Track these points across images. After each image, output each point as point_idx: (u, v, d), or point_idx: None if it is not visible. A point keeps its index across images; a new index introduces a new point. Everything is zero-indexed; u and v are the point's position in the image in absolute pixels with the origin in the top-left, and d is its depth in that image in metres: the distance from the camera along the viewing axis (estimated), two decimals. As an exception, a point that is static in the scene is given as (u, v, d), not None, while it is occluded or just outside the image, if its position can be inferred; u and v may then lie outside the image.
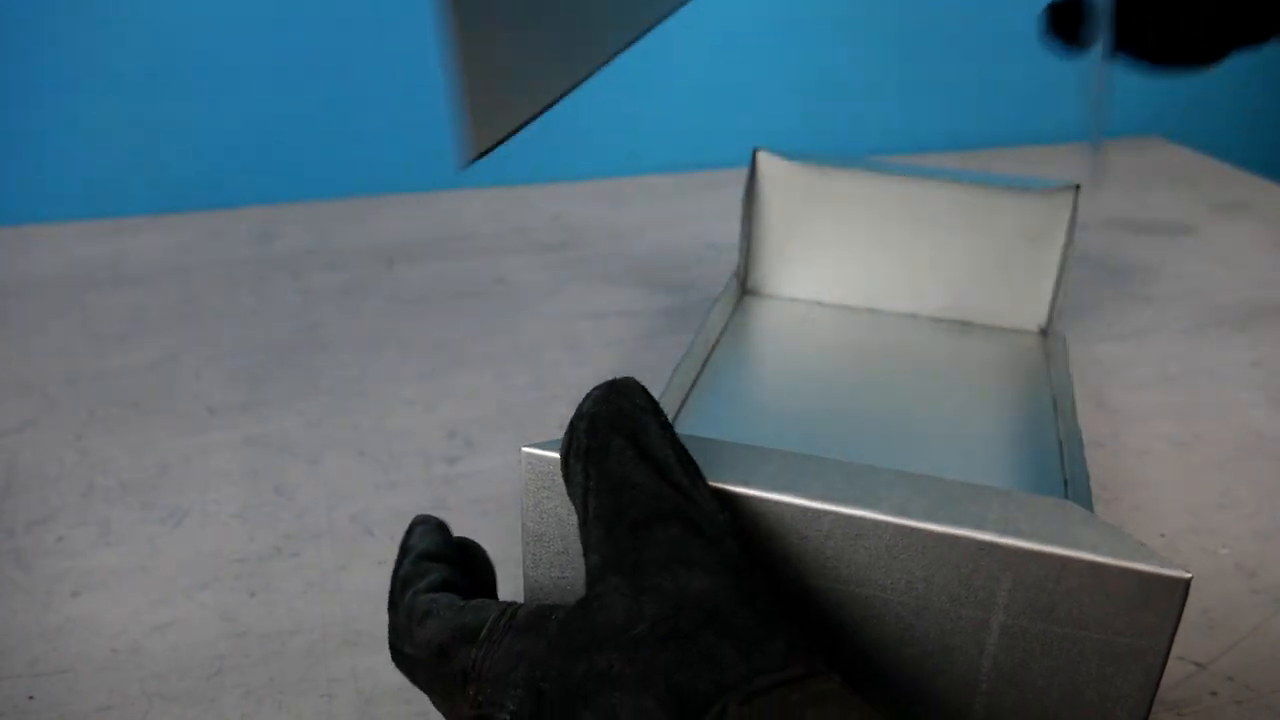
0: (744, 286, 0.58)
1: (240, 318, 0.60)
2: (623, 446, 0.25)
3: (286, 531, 0.42)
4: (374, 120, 0.78)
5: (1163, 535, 0.43)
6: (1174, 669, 0.36)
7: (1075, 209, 0.52)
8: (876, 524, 0.25)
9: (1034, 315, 0.55)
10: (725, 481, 0.26)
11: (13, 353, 0.55)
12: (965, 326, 0.55)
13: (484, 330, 0.59)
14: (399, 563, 0.29)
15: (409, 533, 0.30)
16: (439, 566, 0.28)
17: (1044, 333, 0.55)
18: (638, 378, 0.28)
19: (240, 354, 0.56)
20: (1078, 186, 0.52)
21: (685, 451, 0.27)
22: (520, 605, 0.26)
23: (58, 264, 0.66)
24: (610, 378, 0.28)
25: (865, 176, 0.54)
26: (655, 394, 0.28)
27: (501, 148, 0.88)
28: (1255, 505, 0.45)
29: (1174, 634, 0.24)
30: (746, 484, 0.26)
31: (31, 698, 0.34)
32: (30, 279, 0.64)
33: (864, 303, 0.57)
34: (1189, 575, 0.24)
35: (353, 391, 0.52)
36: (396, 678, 0.35)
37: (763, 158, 0.55)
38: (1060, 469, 0.43)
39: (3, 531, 0.41)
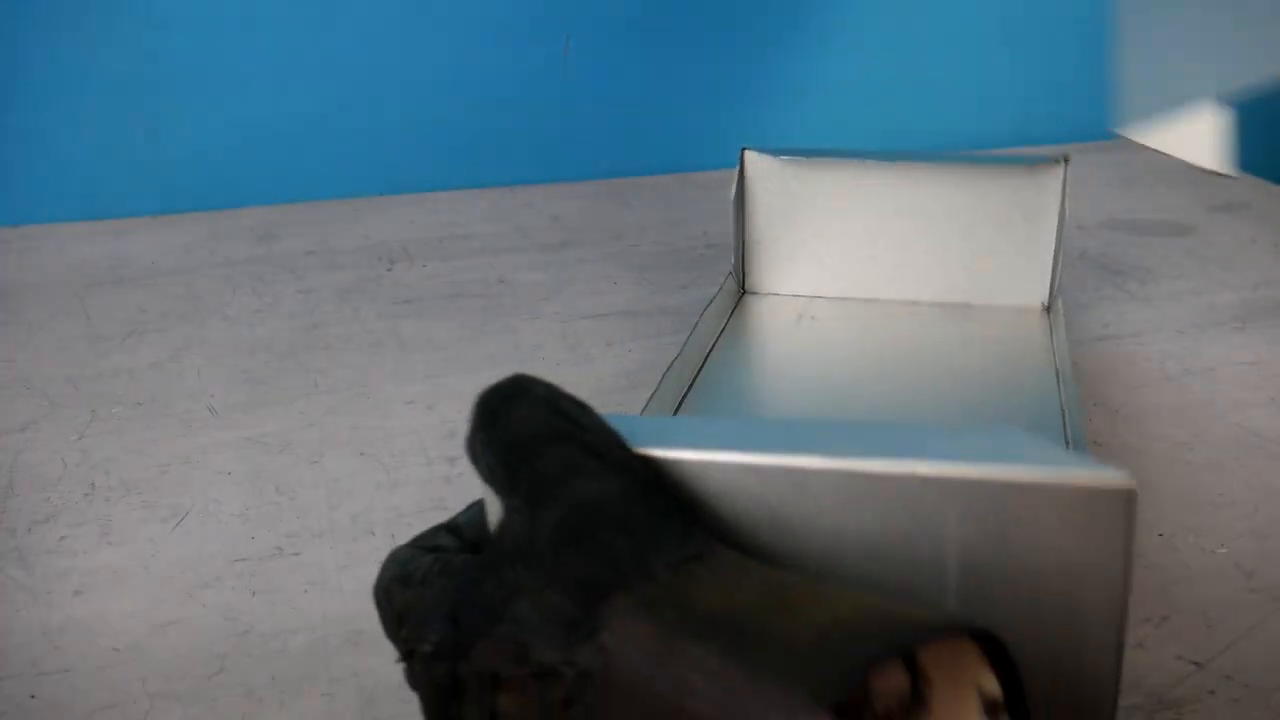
0: (742, 286, 0.58)
1: (241, 318, 0.60)
2: (509, 407, 0.26)
3: (288, 531, 0.42)
4: (374, 120, 0.78)
5: (1160, 535, 0.43)
6: (1172, 668, 0.37)
7: (1066, 182, 0.52)
8: (819, 472, 0.25)
9: (1035, 292, 0.55)
10: (671, 448, 0.26)
11: (14, 353, 0.55)
12: (967, 308, 0.55)
13: (484, 330, 0.59)
14: None
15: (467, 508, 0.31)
16: (452, 539, 0.29)
17: (1046, 308, 0.55)
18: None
19: (241, 354, 0.56)
20: (1066, 159, 0.52)
21: (571, 396, 0.27)
22: (458, 554, 0.27)
23: (59, 264, 0.66)
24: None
25: (853, 167, 0.54)
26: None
27: (500, 148, 0.88)
28: (1253, 505, 0.45)
29: (1129, 547, 0.24)
30: (691, 447, 0.26)
31: (33, 697, 0.34)
32: (31, 279, 0.64)
33: (863, 294, 0.57)
34: (1132, 484, 0.23)
35: (353, 391, 0.52)
36: (397, 677, 0.35)
37: (750, 157, 0.55)
38: (1062, 433, 0.43)
39: (5, 531, 0.42)
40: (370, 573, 0.40)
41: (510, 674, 0.23)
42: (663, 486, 0.26)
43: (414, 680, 0.26)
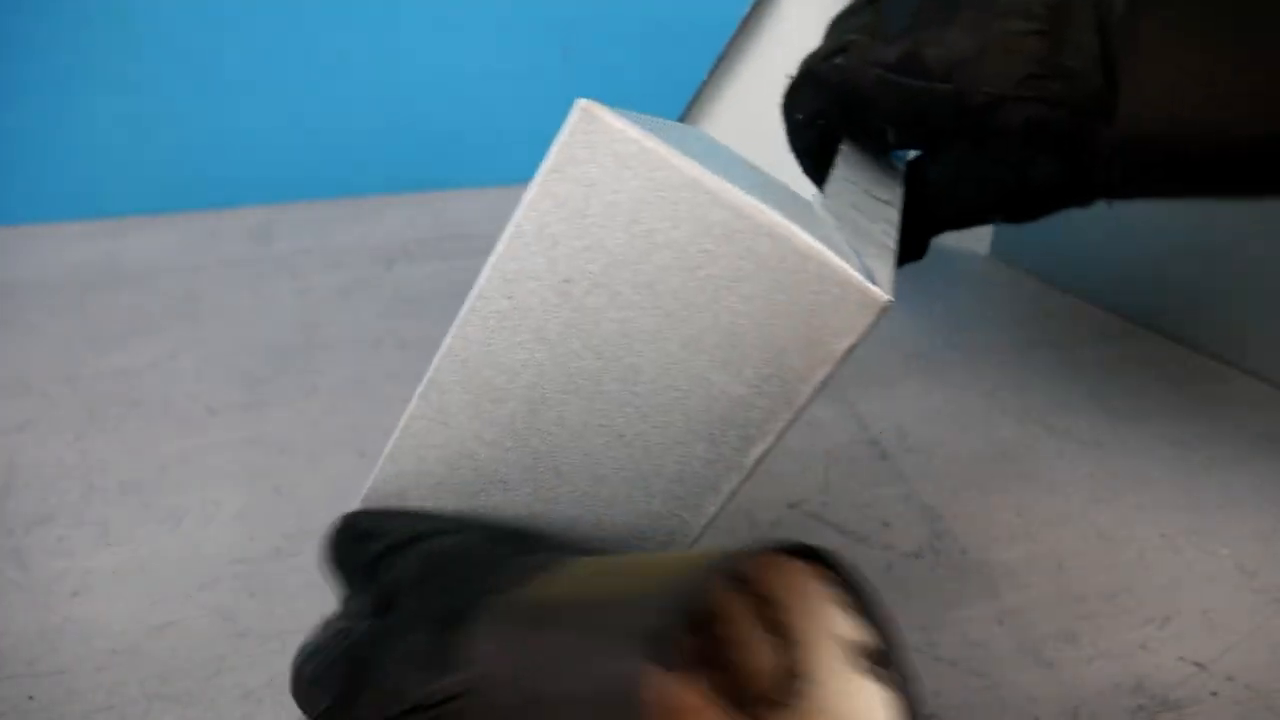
0: None
1: (240, 318, 0.60)
2: (355, 550, 0.30)
3: (286, 532, 0.42)
4: (374, 120, 0.78)
5: (1163, 535, 0.43)
6: (1174, 669, 0.36)
7: None
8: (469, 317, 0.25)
9: None
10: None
11: (12, 353, 0.55)
12: None
13: (484, 330, 0.59)
14: None
15: None
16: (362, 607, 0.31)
17: None
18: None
19: (240, 354, 0.56)
20: None
21: (385, 515, 0.31)
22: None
23: (57, 264, 0.66)
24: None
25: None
26: None
27: (500, 148, 0.87)
28: (1255, 505, 0.45)
29: (642, 143, 0.24)
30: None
31: (31, 698, 0.34)
32: (30, 279, 0.64)
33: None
34: (585, 102, 0.24)
35: (353, 391, 0.52)
36: (396, 678, 0.35)
37: None
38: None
39: (2, 532, 0.41)
40: (369, 573, 0.40)
41: (391, 719, 0.25)
42: (510, 534, 0.28)
43: None
